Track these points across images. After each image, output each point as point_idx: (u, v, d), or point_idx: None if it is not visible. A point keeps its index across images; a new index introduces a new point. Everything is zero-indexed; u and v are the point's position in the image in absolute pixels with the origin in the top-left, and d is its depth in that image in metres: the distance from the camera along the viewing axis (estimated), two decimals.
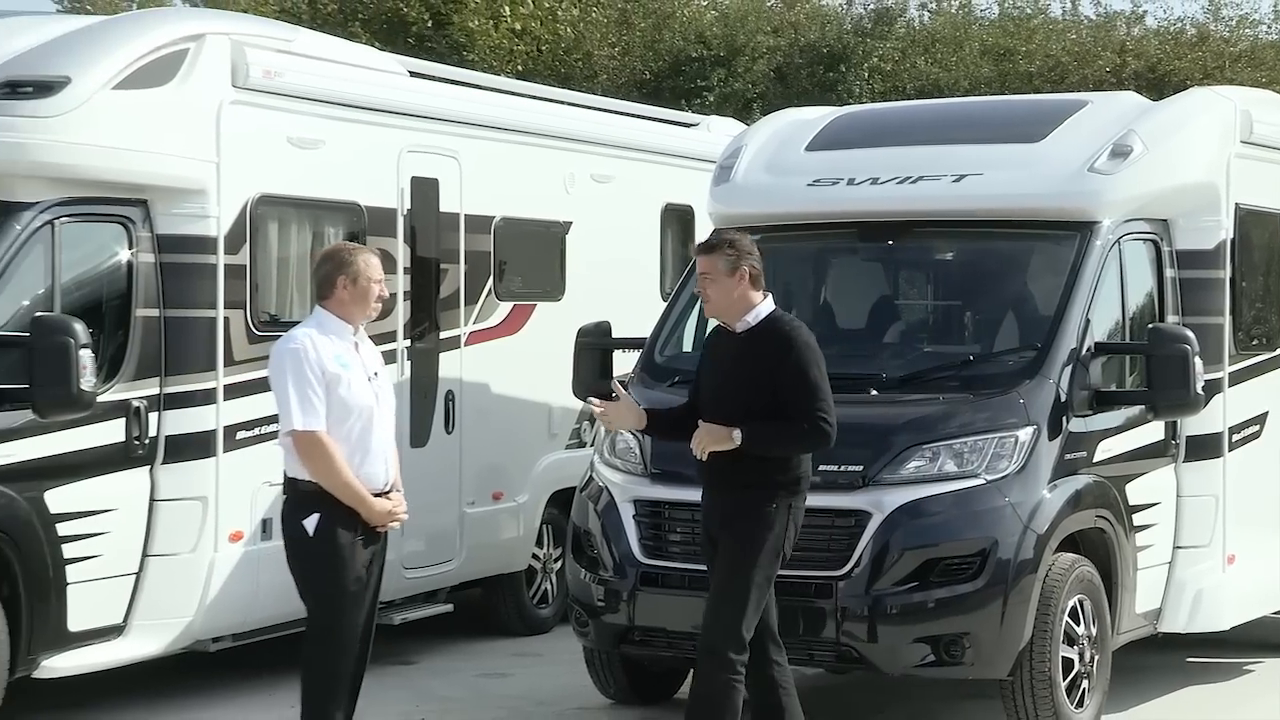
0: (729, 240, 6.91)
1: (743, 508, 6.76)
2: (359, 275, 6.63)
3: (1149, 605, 8.91)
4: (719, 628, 6.72)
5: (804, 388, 6.71)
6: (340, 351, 6.59)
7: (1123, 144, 8.89)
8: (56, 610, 7.94)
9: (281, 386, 6.53)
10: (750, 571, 6.69)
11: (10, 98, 7.96)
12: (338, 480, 6.50)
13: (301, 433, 6.47)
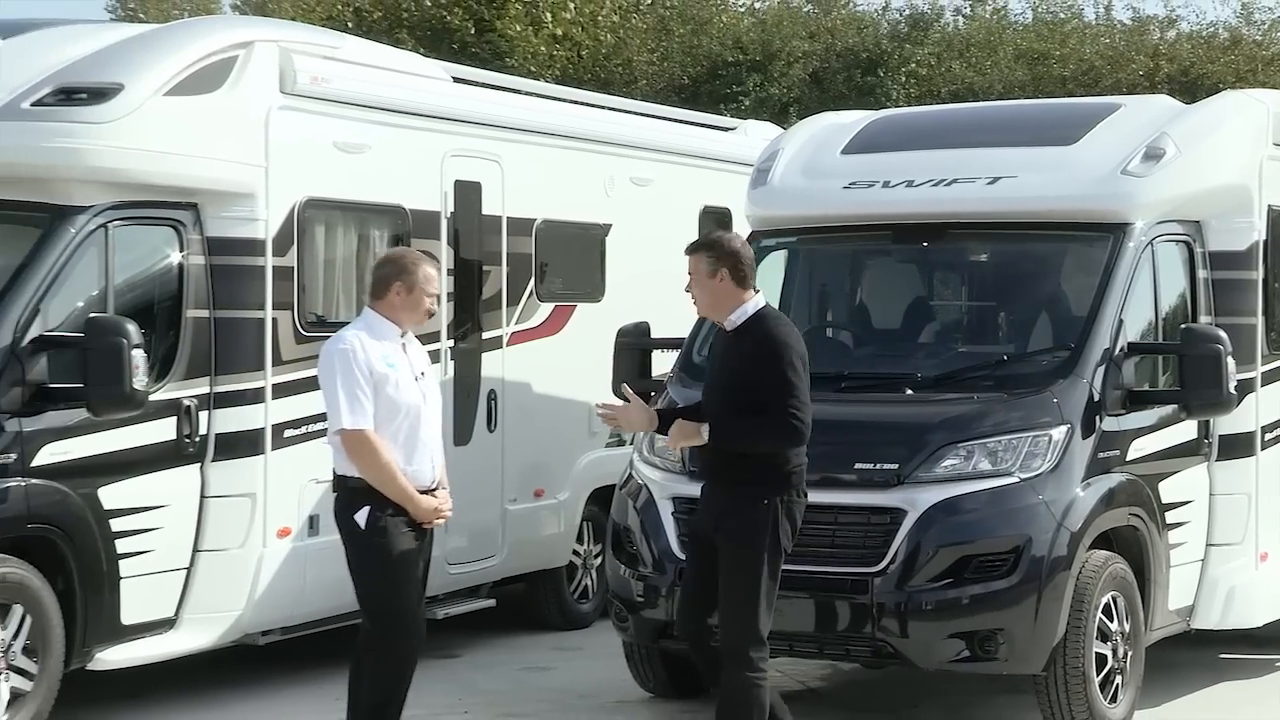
0: (709, 242, 6.92)
1: (734, 505, 6.74)
2: (415, 285, 6.69)
3: (1182, 602, 8.87)
4: (737, 629, 6.70)
5: (777, 385, 6.65)
6: (388, 352, 6.63)
7: (1156, 147, 8.86)
8: (110, 604, 7.99)
9: (331, 386, 6.58)
10: (755, 570, 6.66)
11: (65, 104, 8.02)
12: (385, 477, 6.54)
13: (350, 431, 6.52)
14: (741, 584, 6.69)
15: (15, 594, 7.56)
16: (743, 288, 6.80)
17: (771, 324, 6.77)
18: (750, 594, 6.66)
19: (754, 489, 6.69)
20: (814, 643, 8.06)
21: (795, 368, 6.66)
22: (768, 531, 6.66)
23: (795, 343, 6.72)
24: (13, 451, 7.60)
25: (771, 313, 6.87)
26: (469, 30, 23.23)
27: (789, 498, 6.71)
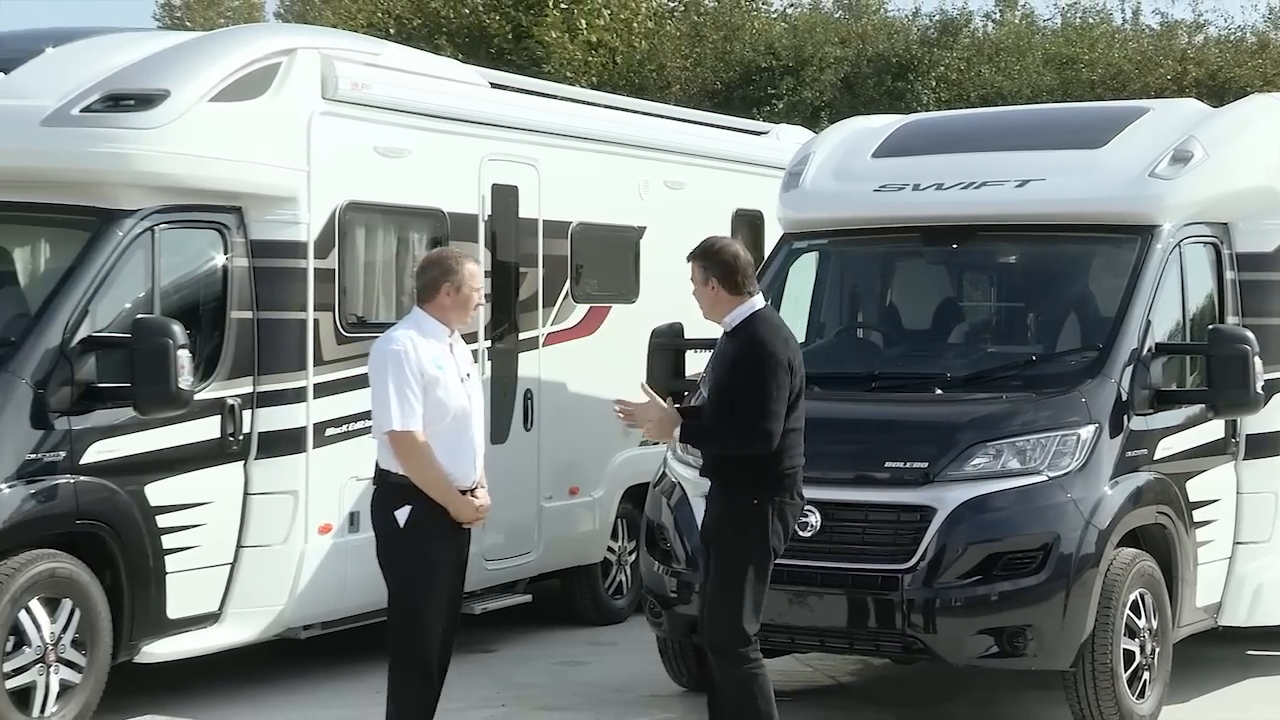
0: (701, 250, 6.85)
1: (726, 506, 6.72)
2: (463, 284, 6.66)
3: (1209, 599, 8.84)
4: (719, 628, 6.67)
5: (747, 388, 6.58)
6: (437, 354, 6.60)
7: (1183, 149, 8.83)
8: (156, 598, 8.03)
9: (382, 386, 6.53)
10: (740, 569, 6.63)
11: (113, 110, 8.06)
12: (430, 478, 6.52)
13: (399, 433, 6.48)
14: (727, 584, 6.66)
15: (65, 588, 7.60)
16: (735, 294, 6.72)
17: (757, 327, 6.68)
18: (735, 594, 6.62)
19: (744, 490, 6.65)
20: (845, 638, 8.05)
21: (768, 372, 6.55)
22: (755, 533, 6.60)
23: (777, 348, 6.60)
24: (62, 449, 7.65)
25: (763, 316, 6.75)
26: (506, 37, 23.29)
27: (781, 500, 6.62)
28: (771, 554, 6.64)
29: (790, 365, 6.60)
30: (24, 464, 7.52)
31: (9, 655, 7.39)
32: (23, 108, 8.13)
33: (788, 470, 6.65)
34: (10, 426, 7.50)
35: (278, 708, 8.55)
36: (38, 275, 8.42)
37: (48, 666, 7.52)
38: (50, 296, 7.85)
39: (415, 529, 6.54)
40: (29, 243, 8.62)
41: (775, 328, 6.75)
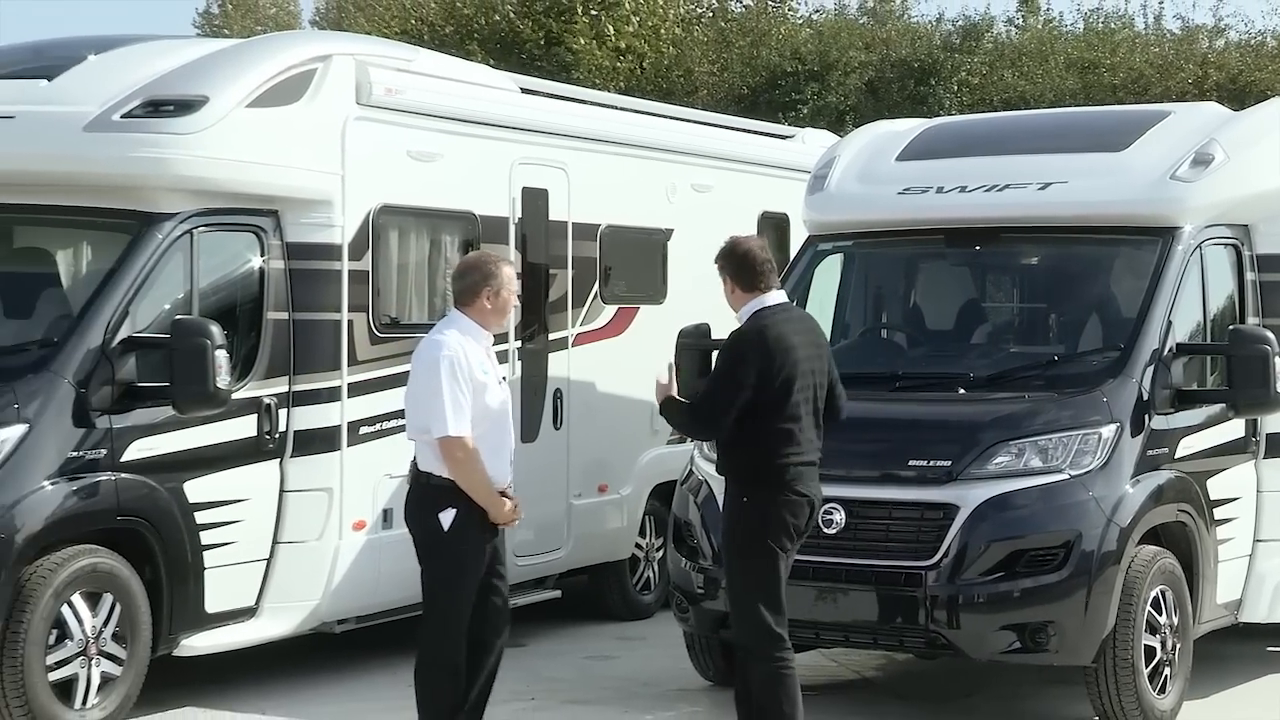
0: (721, 251, 6.90)
1: (727, 505, 6.75)
2: (502, 288, 6.66)
3: (1230, 596, 8.81)
4: (743, 628, 6.68)
5: (710, 377, 6.70)
6: (482, 358, 6.61)
7: (1204, 152, 8.80)
8: (195, 593, 8.07)
9: (434, 390, 6.47)
10: (743, 567, 6.64)
11: (153, 116, 8.09)
12: (476, 481, 6.51)
13: (454, 438, 6.45)
14: (737, 583, 6.69)
15: (106, 583, 7.65)
16: (748, 290, 6.77)
17: (750, 321, 6.74)
18: (747, 593, 6.63)
19: (738, 488, 6.68)
20: (869, 634, 8.04)
21: (725, 362, 6.66)
22: (750, 531, 6.60)
23: (749, 341, 6.62)
24: (103, 447, 7.69)
25: (769, 311, 6.73)
26: (537, 43, 23.32)
27: (774, 497, 6.59)
28: (773, 551, 6.59)
29: (760, 366, 6.55)
30: (66, 462, 7.56)
31: (52, 648, 7.43)
32: (66, 114, 8.17)
33: (778, 466, 6.59)
34: (53, 425, 7.54)
35: (312, 700, 8.58)
36: (79, 277, 8.47)
37: (89, 659, 7.56)
38: (92, 298, 7.89)
39: (459, 531, 6.53)
40: (71, 245, 8.68)
41: (765, 325, 6.68)
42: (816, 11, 25.45)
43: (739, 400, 6.55)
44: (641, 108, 12.22)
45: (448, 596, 6.61)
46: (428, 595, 6.68)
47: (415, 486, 6.68)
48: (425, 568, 6.67)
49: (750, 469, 6.64)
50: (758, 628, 6.60)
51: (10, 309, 8.35)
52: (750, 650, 6.67)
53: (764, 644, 6.61)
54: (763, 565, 6.60)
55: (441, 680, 6.63)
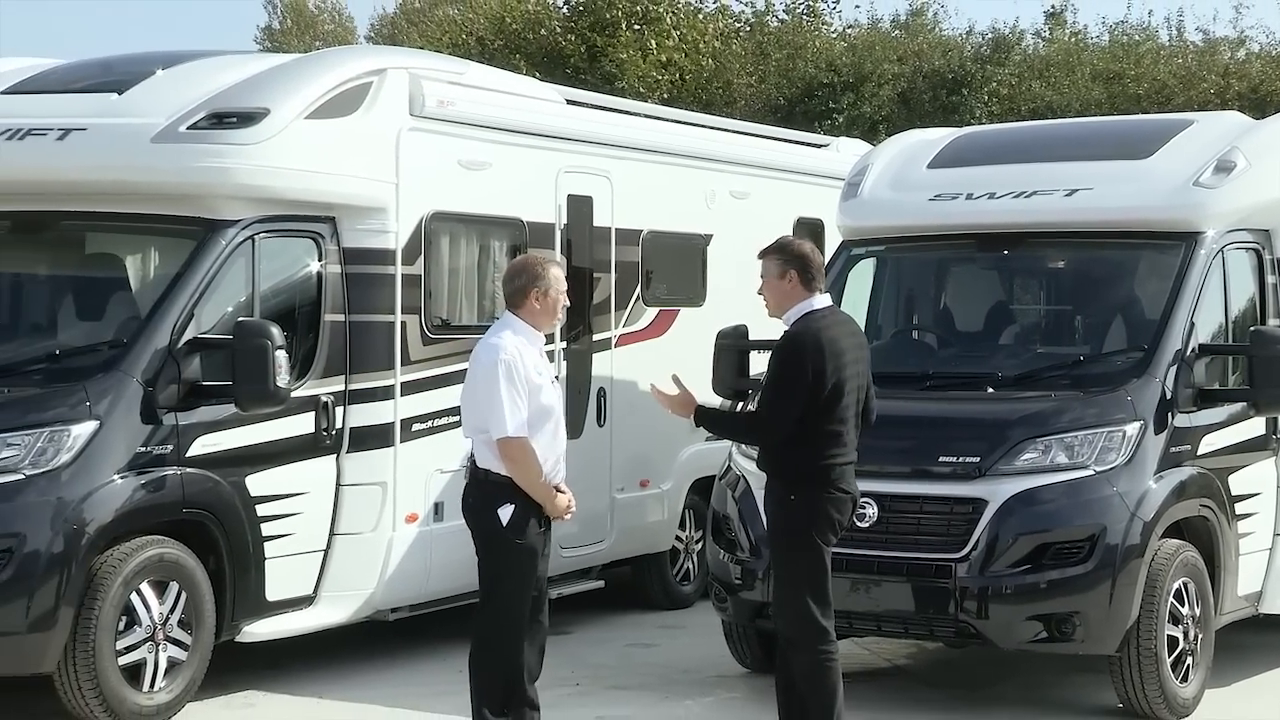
0: (780, 245, 6.77)
1: (771, 501, 6.68)
2: (550, 288, 6.60)
3: (1250, 588, 8.74)
4: (788, 620, 6.63)
5: (766, 384, 6.57)
6: (537, 360, 6.56)
7: (1226, 159, 8.74)
8: (256, 582, 8.11)
9: (493, 393, 6.41)
10: (790, 562, 6.59)
11: (217, 127, 8.12)
12: (533, 479, 6.47)
13: (513, 439, 6.41)
14: (784, 576, 6.63)
15: (172, 572, 7.69)
16: (809, 290, 6.65)
17: (803, 323, 6.58)
18: (793, 585, 6.58)
19: (784, 485, 6.61)
20: (901, 623, 8.02)
21: (787, 368, 6.49)
22: (798, 527, 6.55)
23: (808, 345, 6.47)
24: (170, 443, 7.74)
25: (815, 316, 6.60)
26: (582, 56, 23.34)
27: (819, 494, 6.52)
28: (819, 546, 6.54)
29: (816, 369, 6.45)
30: (135, 457, 7.61)
31: (121, 634, 7.48)
32: (135, 126, 8.22)
33: (823, 465, 6.52)
34: (122, 422, 7.59)
35: (367, 685, 8.61)
36: (147, 281, 8.52)
37: (156, 645, 7.61)
38: (159, 301, 7.93)
39: (517, 525, 6.50)
40: (140, 251, 8.74)
41: (818, 329, 6.56)
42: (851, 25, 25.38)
43: (800, 403, 6.46)
44: (682, 118, 12.20)
45: (507, 588, 6.56)
46: (487, 586, 6.63)
47: (474, 483, 6.63)
48: (485, 560, 6.62)
49: (797, 468, 6.57)
50: (805, 620, 6.56)
51: (82, 311, 8.42)
52: (796, 642, 6.62)
53: (810, 636, 6.57)
54: (810, 559, 6.56)
55: (497, 668, 6.59)
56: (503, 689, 6.61)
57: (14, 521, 7.26)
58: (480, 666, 6.63)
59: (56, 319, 8.48)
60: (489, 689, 6.61)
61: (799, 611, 6.57)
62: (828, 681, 6.57)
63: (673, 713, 8.16)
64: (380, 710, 8.10)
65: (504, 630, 6.57)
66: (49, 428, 7.42)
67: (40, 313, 8.66)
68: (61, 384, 7.66)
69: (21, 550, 7.22)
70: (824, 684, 6.57)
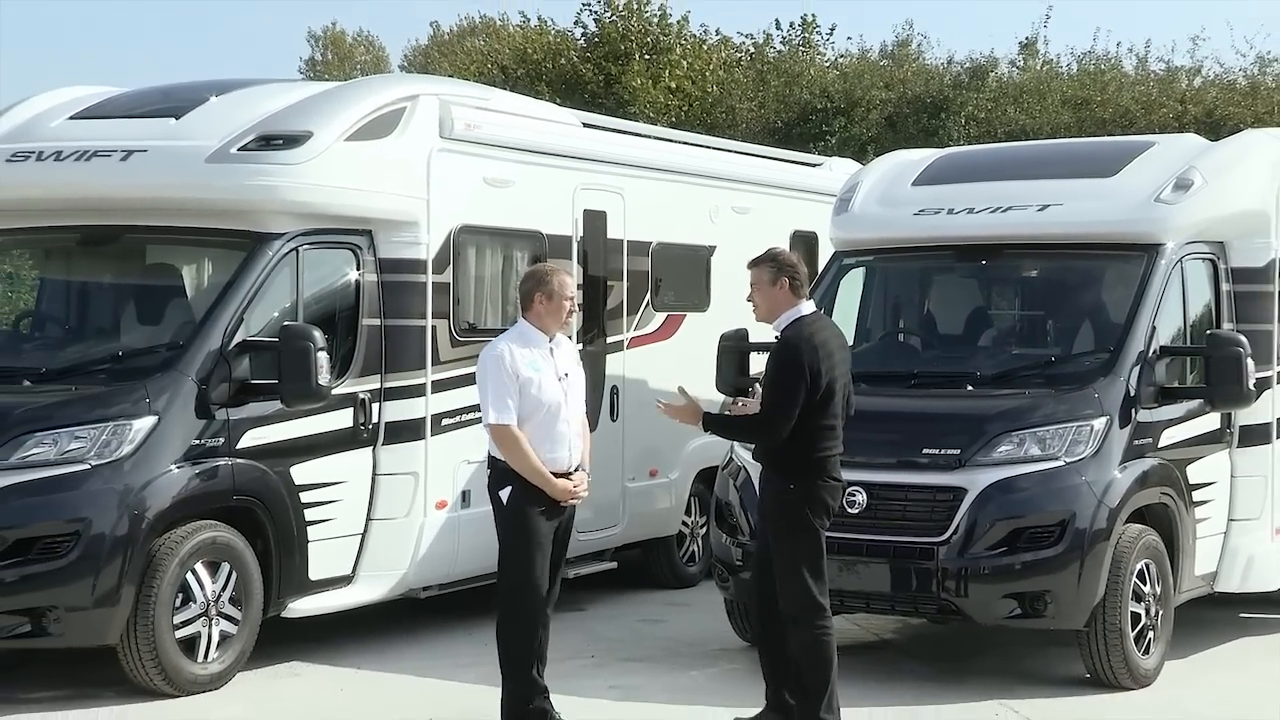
0: (771, 256, 6.76)
1: (771, 490, 6.67)
2: (554, 293, 6.65)
3: (1206, 569, 8.72)
4: (790, 598, 6.60)
5: (767, 383, 6.55)
6: (535, 358, 6.59)
7: (1185, 178, 8.72)
8: (300, 563, 8.11)
9: (483, 386, 6.60)
10: (790, 546, 6.58)
11: (265, 148, 8.14)
12: (524, 464, 6.52)
13: (496, 425, 6.51)
14: (785, 559, 6.61)
15: (224, 554, 7.71)
16: (797, 296, 6.66)
17: (795, 329, 6.59)
18: (793, 567, 6.56)
19: (784, 476, 6.59)
20: (888, 601, 8.00)
21: (782, 376, 6.46)
22: (797, 513, 6.54)
23: (800, 354, 6.47)
24: (221, 436, 7.75)
25: (805, 321, 6.62)
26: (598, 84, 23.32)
27: (815, 483, 6.53)
28: (816, 529, 6.56)
29: (812, 370, 6.45)
30: (190, 448, 7.62)
31: (177, 610, 7.50)
32: (190, 148, 8.23)
33: (818, 458, 6.54)
34: (179, 417, 7.60)
35: (400, 657, 8.61)
36: (201, 289, 8.53)
37: (210, 620, 7.63)
38: (211, 307, 7.94)
39: (516, 505, 6.56)
40: (194, 262, 8.75)
41: (810, 334, 6.57)
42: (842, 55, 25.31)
43: (799, 402, 6.46)
44: (688, 140, 12.20)
45: (514, 562, 6.60)
46: (500, 561, 6.69)
47: (489, 470, 6.72)
48: (498, 537, 6.69)
49: (796, 460, 6.57)
50: (805, 598, 6.56)
51: (142, 316, 8.44)
52: (796, 618, 6.60)
53: (809, 612, 6.56)
54: (808, 542, 6.57)
55: (518, 636, 6.61)
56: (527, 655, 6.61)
57: (81, 507, 7.28)
58: (504, 637, 6.64)
59: (119, 323, 8.50)
60: (514, 656, 6.61)
61: (799, 590, 6.56)
62: (824, 654, 6.57)
63: (679, 682, 8.15)
64: (412, 680, 8.09)
65: (519, 603, 6.59)
66: (113, 422, 7.44)
67: (104, 318, 8.69)
68: (124, 382, 7.67)
69: (88, 533, 7.24)
70: (821, 656, 6.57)
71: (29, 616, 7.21)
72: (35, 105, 9.01)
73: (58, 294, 9.05)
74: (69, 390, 7.70)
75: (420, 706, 7.51)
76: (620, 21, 23.94)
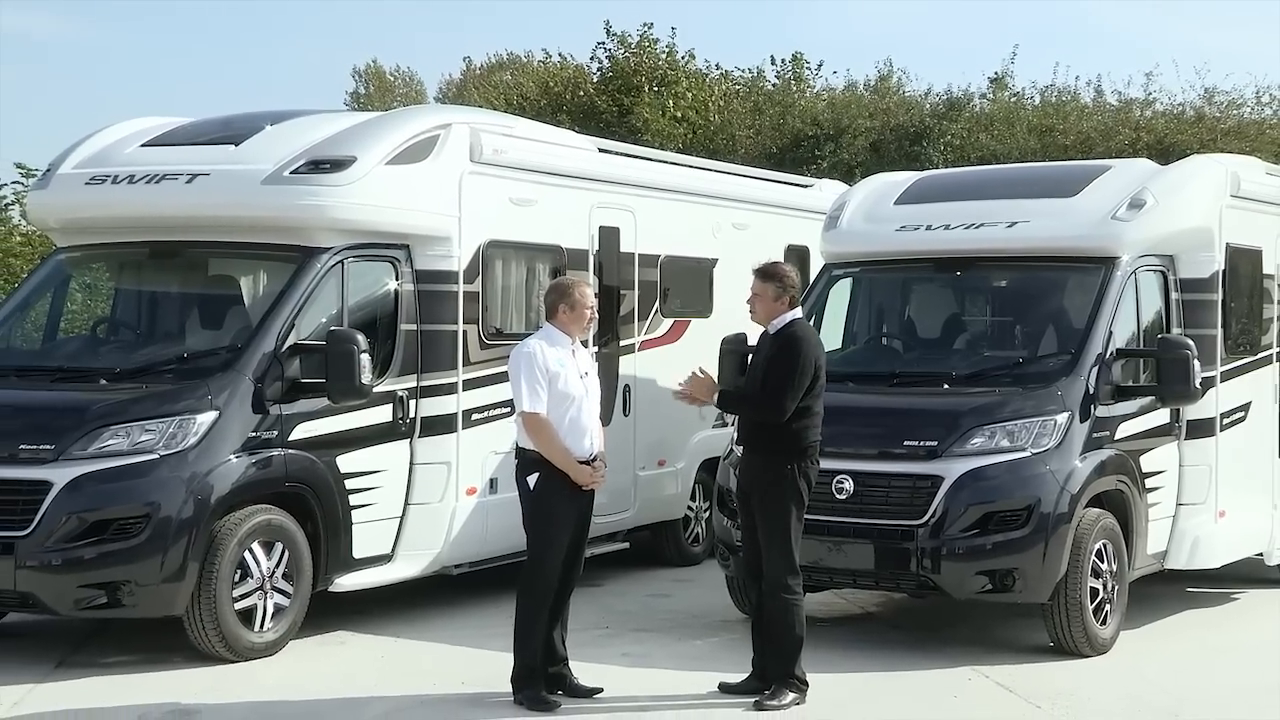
0: (780, 275, 6.88)
1: (764, 470, 6.72)
2: (576, 302, 6.74)
3: (1157, 548, 8.71)
4: (775, 565, 6.69)
5: (777, 373, 6.64)
6: (561, 356, 6.67)
7: (1139, 198, 8.71)
8: (345, 543, 8.12)
9: (516, 379, 6.63)
10: (783, 520, 6.66)
11: (314, 172, 8.15)
12: (552, 450, 6.56)
13: (528, 413, 6.55)
14: (776, 531, 6.67)
15: (277, 534, 7.72)
16: (792, 307, 6.85)
17: (798, 330, 6.80)
18: (783, 538, 6.65)
19: (778, 457, 6.66)
20: (872, 577, 7.99)
21: (797, 364, 6.63)
22: (790, 489, 6.64)
23: (810, 348, 6.70)
24: (275, 429, 7.76)
25: (801, 323, 6.88)
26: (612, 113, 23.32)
27: (805, 464, 6.68)
28: (803, 505, 6.71)
29: (817, 363, 6.67)
30: (247, 440, 7.63)
31: (236, 584, 7.51)
32: (248, 171, 8.24)
33: (810, 443, 6.70)
34: (238, 412, 7.61)
35: (435, 627, 8.61)
36: (257, 298, 8.52)
37: (265, 593, 7.64)
38: (266, 314, 7.95)
39: (542, 490, 6.59)
40: (251, 273, 8.75)
41: (810, 332, 6.88)
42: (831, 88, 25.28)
43: (804, 388, 6.64)
44: (693, 163, 12.18)
45: (538, 543, 6.64)
46: (528, 540, 6.71)
47: (517, 458, 6.75)
48: (524, 520, 6.70)
49: (792, 442, 6.67)
50: (788, 562, 6.69)
51: (205, 322, 8.45)
52: (779, 582, 6.69)
53: (789, 575, 6.67)
54: (796, 516, 6.69)
55: (533, 607, 6.65)
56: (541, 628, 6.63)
57: (151, 493, 7.29)
58: (521, 609, 6.65)
59: (184, 328, 8.51)
60: (527, 626, 6.65)
61: (785, 557, 6.66)
62: (800, 617, 6.71)
63: (684, 650, 8.14)
64: (445, 647, 8.10)
65: (537, 579, 6.60)
66: (179, 416, 7.45)
67: (171, 323, 8.69)
68: (189, 381, 7.68)
69: (157, 516, 7.25)
70: (798, 619, 6.70)
71: (106, 590, 7.23)
72: (110, 134, 9.02)
73: (130, 302, 9.06)
74: (140, 388, 7.70)
75: (452, 671, 7.51)
76: (632, 58, 23.94)
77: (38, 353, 8.59)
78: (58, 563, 7.13)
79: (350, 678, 7.43)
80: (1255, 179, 9.62)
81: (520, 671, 6.69)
